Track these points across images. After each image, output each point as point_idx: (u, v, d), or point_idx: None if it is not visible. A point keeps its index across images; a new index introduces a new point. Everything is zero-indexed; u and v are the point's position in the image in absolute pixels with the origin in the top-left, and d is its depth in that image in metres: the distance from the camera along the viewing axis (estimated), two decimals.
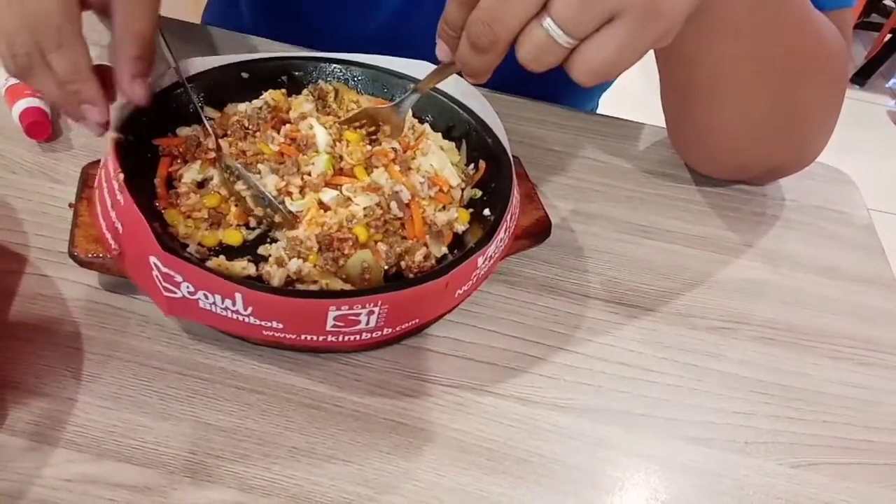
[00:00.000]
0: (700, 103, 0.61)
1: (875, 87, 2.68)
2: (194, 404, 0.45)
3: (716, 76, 0.56)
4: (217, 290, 0.41)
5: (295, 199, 0.50)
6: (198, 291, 0.42)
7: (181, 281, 0.42)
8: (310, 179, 0.50)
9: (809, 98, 0.60)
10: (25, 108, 0.59)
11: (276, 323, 0.43)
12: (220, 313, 0.43)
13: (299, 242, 0.47)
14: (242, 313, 0.42)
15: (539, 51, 0.37)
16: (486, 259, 0.47)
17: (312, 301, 0.42)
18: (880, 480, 0.48)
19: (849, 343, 0.57)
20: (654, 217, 0.64)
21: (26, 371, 0.45)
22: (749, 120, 0.60)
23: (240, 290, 0.41)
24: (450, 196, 0.54)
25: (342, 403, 0.47)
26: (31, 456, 0.41)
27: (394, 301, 0.43)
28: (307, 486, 0.43)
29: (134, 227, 0.42)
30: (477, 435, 0.47)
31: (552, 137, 0.70)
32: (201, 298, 0.42)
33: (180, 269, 0.41)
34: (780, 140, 0.62)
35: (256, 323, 0.43)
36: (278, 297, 0.42)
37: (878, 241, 0.66)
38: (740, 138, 0.62)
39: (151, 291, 0.44)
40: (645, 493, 0.46)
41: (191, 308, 0.43)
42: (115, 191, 0.44)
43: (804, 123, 0.62)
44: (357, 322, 0.43)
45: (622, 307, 0.56)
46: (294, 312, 0.42)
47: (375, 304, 0.42)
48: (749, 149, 0.64)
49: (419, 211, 0.51)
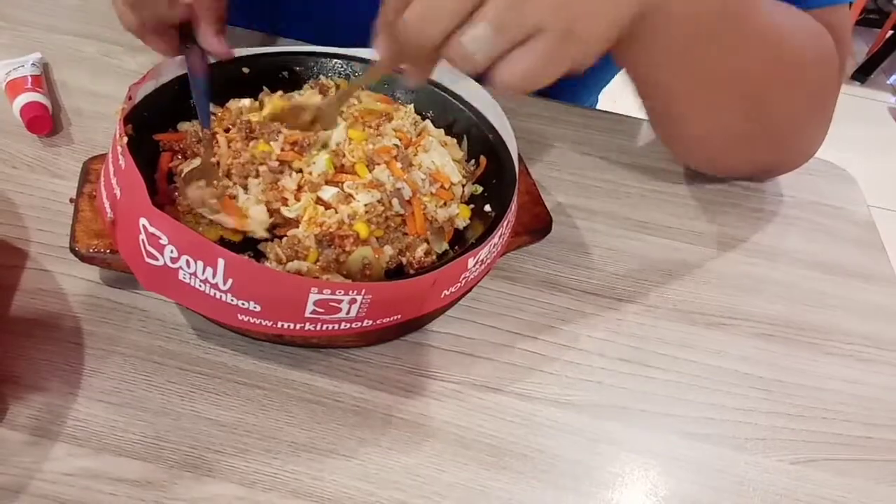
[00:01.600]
0: (669, 120, 0.61)
1: (876, 83, 2.68)
2: (195, 399, 0.45)
3: (675, 96, 0.56)
4: (200, 255, 0.41)
5: (290, 204, 0.49)
6: (181, 257, 0.41)
7: (166, 244, 0.41)
8: (309, 178, 0.50)
9: (789, 106, 0.58)
10: (26, 102, 0.59)
11: (254, 304, 0.42)
12: (198, 287, 0.42)
13: (297, 242, 0.47)
14: (221, 288, 0.41)
15: (462, 59, 0.39)
16: (476, 262, 0.47)
17: (294, 279, 0.42)
18: (879, 477, 0.48)
19: (848, 339, 0.57)
20: (655, 213, 0.64)
21: (27, 366, 0.45)
22: (723, 133, 0.60)
23: (223, 256, 0.40)
24: (451, 193, 0.54)
25: (342, 399, 0.47)
26: (31, 450, 0.41)
27: (377, 292, 0.43)
28: (307, 481, 0.43)
29: (130, 188, 0.42)
30: (477, 430, 0.47)
31: (553, 133, 0.70)
32: (182, 267, 0.41)
33: (167, 229, 0.41)
34: (762, 146, 0.62)
35: (233, 302, 0.42)
36: (260, 267, 0.42)
37: (878, 238, 0.66)
38: (717, 149, 0.63)
39: (135, 262, 0.43)
40: (644, 489, 0.46)
41: (170, 280, 0.42)
42: (119, 155, 0.44)
43: (788, 129, 0.61)
44: (338, 310, 0.43)
45: (622, 303, 0.56)
46: (274, 290, 0.42)
47: (358, 293, 0.42)
48: (729, 156, 0.64)
49: (421, 207, 0.51)
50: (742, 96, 0.56)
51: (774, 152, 0.64)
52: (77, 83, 0.66)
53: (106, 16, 0.74)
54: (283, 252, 0.47)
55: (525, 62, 0.38)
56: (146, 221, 0.41)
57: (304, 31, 0.72)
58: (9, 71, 0.62)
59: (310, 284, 0.41)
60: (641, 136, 0.73)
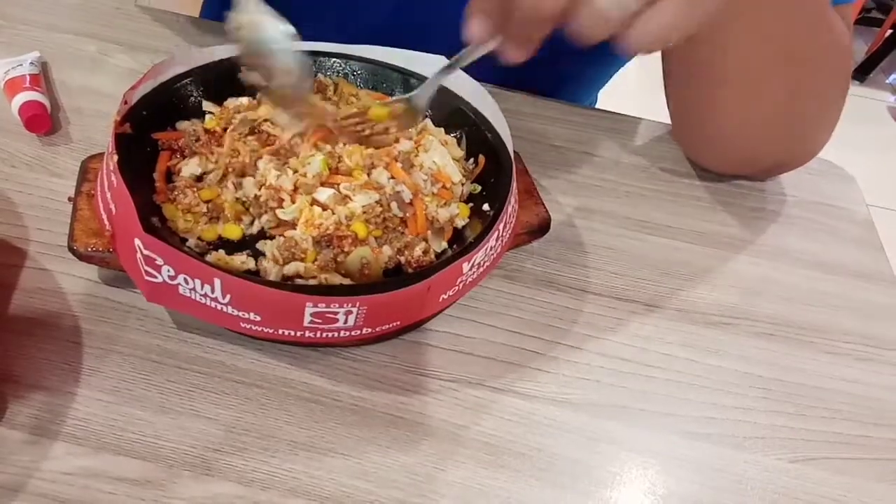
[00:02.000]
0: (708, 109, 0.61)
1: (875, 82, 2.68)
2: (194, 398, 0.45)
3: (730, 77, 0.57)
4: (196, 275, 0.41)
5: (286, 206, 0.49)
6: (178, 276, 0.42)
7: (162, 264, 0.41)
8: (304, 180, 0.50)
9: (821, 91, 0.60)
10: (25, 101, 0.59)
11: (254, 315, 0.43)
12: (199, 300, 0.42)
13: (294, 244, 0.47)
14: (221, 301, 0.42)
15: (595, 21, 0.37)
16: (472, 266, 0.47)
17: (289, 295, 0.42)
18: (878, 476, 0.48)
19: (847, 339, 0.57)
20: (654, 212, 0.64)
21: (26, 365, 0.45)
22: (763, 110, 0.60)
23: (219, 276, 0.41)
24: (451, 192, 0.54)
25: (341, 397, 0.47)
26: (30, 449, 0.41)
27: (372, 303, 0.43)
28: (306, 480, 0.43)
29: (124, 208, 0.42)
30: (475, 429, 0.47)
31: (552, 132, 0.70)
32: (181, 283, 0.42)
33: (160, 252, 0.41)
34: (789, 132, 0.62)
35: (234, 313, 0.43)
36: (256, 286, 0.42)
37: (877, 237, 0.66)
38: (751, 129, 0.62)
39: (135, 275, 0.44)
40: (643, 488, 0.46)
41: (171, 294, 0.43)
42: (111, 172, 0.44)
43: (812, 122, 0.62)
44: (335, 320, 0.43)
45: (621, 302, 0.56)
46: (271, 304, 0.42)
47: (353, 305, 0.42)
48: (758, 141, 0.64)
49: (423, 209, 0.51)
50: (787, 81, 0.57)
51: (792, 147, 0.64)
52: (76, 82, 0.66)
53: (105, 15, 0.74)
54: (281, 254, 0.47)
55: (656, 22, 0.37)
56: (140, 243, 0.41)
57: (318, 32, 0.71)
58: (7, 70, 0.62)
59: (305, 299, 0.41)
60: (641, 135, 0.73)
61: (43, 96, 0.60)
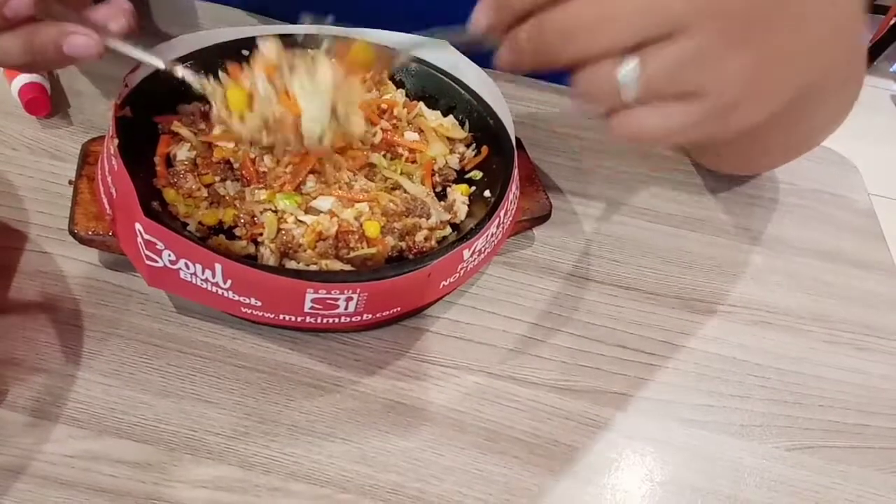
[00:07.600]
0: (741, 154, 0.61)
1: (879, 70, 2.66)
2: (195, 382, 0.45)
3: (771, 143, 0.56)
4: (197, 260, 0.41)
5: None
6: (179, 260, 0.42)
7: (162, 249, 0.41)
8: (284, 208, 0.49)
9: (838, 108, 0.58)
10: (25, 83, 0.58)
11: (255, 300, 0.43)
12: (200, 285, 0.42)
13: (293, 240, 0.47)
14: (222, 286, 0.42)
15: (598, 90, 0.33)
16: (473, 252, 0.47)
17: (290, 281, 0.42)
18: (875, 464, 0.49)
19: (847, 328, 0.57)
20: (655, 200, 0.64)
21: (27, 347, 0.45)
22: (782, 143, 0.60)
23: (220, 261, 0.41)
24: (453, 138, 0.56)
25: (341, 383, 0.47)
26: (32, 431, 0.42)
27: (373, 290, 0.43)
28: (306, 464, 0.43)
29: (124, 192, 0.42)
30: (475, 415, 0.47)
31: (553, 118, 0.70)
32: (182, 268, 0.42)
33: (161, 236, 0.41)
34: (802, 146, 0.62)
35: (235, 298, 0.43)
36: (257, 271, 0.42)
37: (878, 226, 0.66)
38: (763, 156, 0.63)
39: (136, 260, 0.44)
40: (641, 474, 0.46)
41: (172, 278, 0.43)
42: (111, 156, 0.44)
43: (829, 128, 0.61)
44: (336, 307, 0.43)
45: (621, 290, 0.56)
46: (272, 290, 0.42)
47: (354, 291, 0.42)
48: (769, 161, 0.64)
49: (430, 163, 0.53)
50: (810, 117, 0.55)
51: (799, 152, 0.64)
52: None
53: None
54: (278, 248, 0.46)
55: (671, 120, 0.32)
56: (141, 228, 0.41)
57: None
58: None
59: (305, 285, 0.41)
60: None
61: (43, 78, 0.59)
